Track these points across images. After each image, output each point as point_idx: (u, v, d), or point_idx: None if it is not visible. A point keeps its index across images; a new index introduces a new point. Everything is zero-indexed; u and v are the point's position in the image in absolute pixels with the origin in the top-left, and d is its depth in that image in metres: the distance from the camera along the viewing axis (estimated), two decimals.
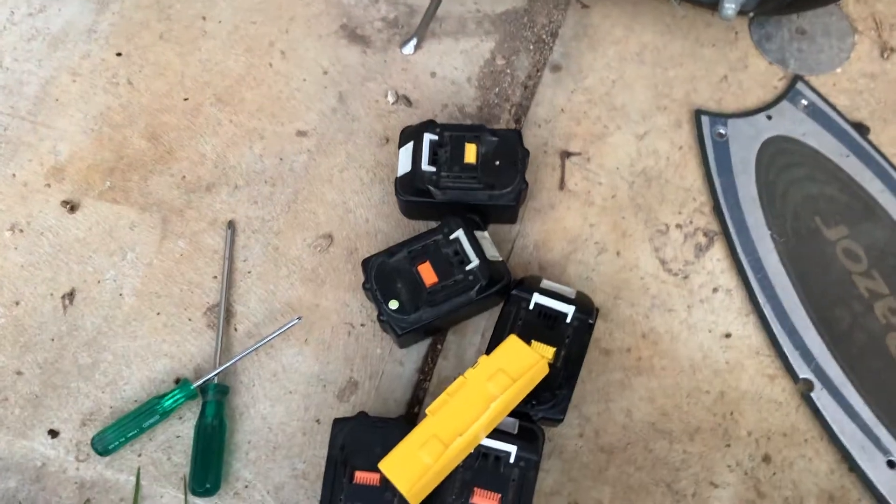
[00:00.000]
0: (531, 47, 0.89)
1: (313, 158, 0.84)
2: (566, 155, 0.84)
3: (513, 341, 0.67)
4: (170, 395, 0.72)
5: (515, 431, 0.68)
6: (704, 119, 0.85)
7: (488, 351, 0.71)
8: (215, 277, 0.79)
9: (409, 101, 0.86)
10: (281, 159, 0.84)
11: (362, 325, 0.77)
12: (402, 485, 0.62)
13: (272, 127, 0.85)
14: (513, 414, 0.68)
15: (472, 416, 0.64)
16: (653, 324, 0.77)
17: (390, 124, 0.85)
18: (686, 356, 0.76)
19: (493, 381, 0.65)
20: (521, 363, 0.66)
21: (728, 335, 0.77)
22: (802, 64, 0.88)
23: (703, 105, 0.86)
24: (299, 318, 0.75)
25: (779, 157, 0.83)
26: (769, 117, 0.85)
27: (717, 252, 0.80)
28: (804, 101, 0.86)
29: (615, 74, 0.88)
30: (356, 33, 0.89)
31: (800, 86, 0.86)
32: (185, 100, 0.86)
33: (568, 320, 0.71)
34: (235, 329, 0.77)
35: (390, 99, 0.86)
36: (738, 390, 0.75)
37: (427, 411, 0.64)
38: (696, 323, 0.77)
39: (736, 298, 0.78)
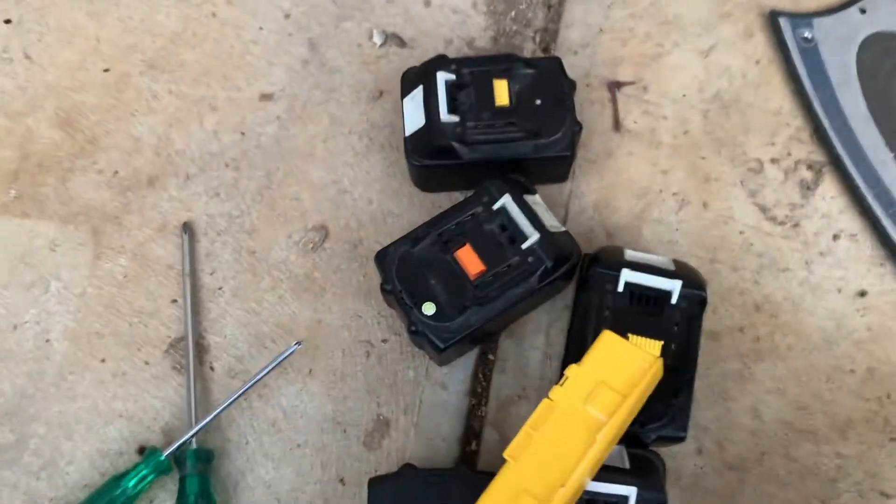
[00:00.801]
0: None
1: (286, 128, 0.63)
2: (616, 86, 0.64)
3: (609, 339, 0.48)
4: (133, 473, 0.51)
5: (627, 465, 0.48)
6: (783, 22, 0.66)
7: (569, 356, 0.52)
8: (175, 301, 0.58)
9: (401, 41, 0.66)
10: (243, 133, 0.63)
11: (384, 340, 0.57)
12: None
13: (226, 93, 0.64)
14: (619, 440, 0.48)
15: (574, 454, 0.44)
16: (766, 290, 0.58)
17: (382, 73, 0.65)
18: (816, 327, 0.57)
19: (594, 400, 0.45)
20: (628, 369, 0.47)
21: (863, 293, 0.58)
22: None
23: (777, 5, 0.67)
24: (298, 344, 0.55)
25: (886, 58, 0.65)
26: (863, 11, 0.66)
27: (830, 188, 0.61)
28: None
29: None
30: None
31: None
32: (106, 71, 0.65)
33: (674, 300, 0.52)
34: (211, 368, 0.56)
35: (377, 40, 0.66)
36: (890, 363, 0.57)
37: (506, 455, 0.45)
38: (819, 282, 0.59)
39: (864, 245, 0.60)
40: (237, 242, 0.60)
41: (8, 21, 0.66)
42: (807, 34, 0.65)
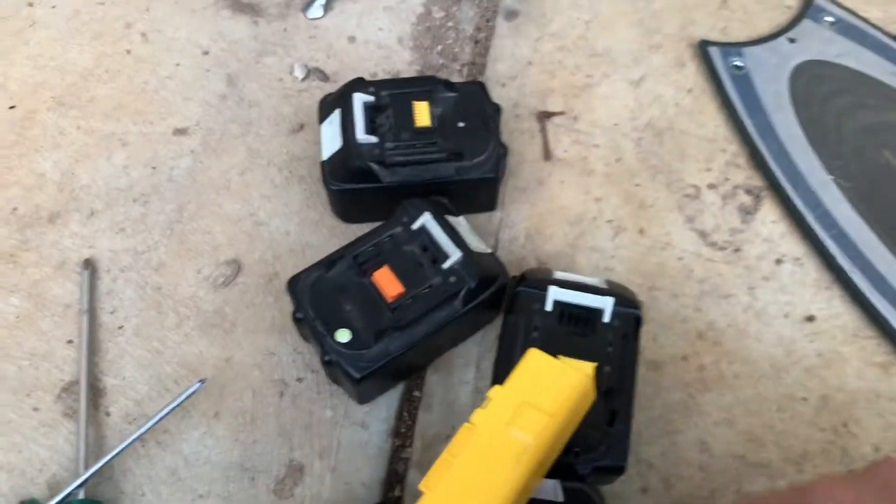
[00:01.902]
0: None
1: (200, 161, 0.60)
2: (546, 116, 0.62)
3: (535, 357, 0.43)
4: None
5: (560, 499, 0.43)
6: (713, 51, 0.65)
7: (497, 384, 0.47)
8: (71, 342, 0.53)
9: (324, 75, 0.64)
10: (154, 168, 0.59)
11: (299, 379, 0.52)
12: None
13: (138, 128, 0.61)
14: (552, 471, 0.44)
15: (497, 481, 0.39)
16: (708, 317, 0.55)
17: (303, 106, 0.62)
18: (763, 354, 0.54)
19: (519, 421, 0.41)
20: (556, 387, 0.42)
21: (811, 318, 0.55)
22: None
23: (707, 35, 0.66)
24: (201, 382, 0.50)
25: (816, 85, 0.64)
26: (792, 40, 0.66)
27: (769, 212, 0.59)
28: (829, 18, 0.67)
29: (588, 14, 0.67)
30: (241, 1, 0.67)
31: (819, 0, 0.68)
32: (12, 108, 0.62)
33: (606, 319, 0.48)
34: (107, 413, 0.51)
35: (298, 74, 0.63)
36: (844, 390, 0.53)
37: (422, 487, 0.40)
38: (764, 308, 0.55)
39: (809, 268, 0.57)
40: (142, 279, 0.55)
41: None
42: (738, 62, 0.64)
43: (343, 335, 0.47)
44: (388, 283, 0.49)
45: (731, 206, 0.59)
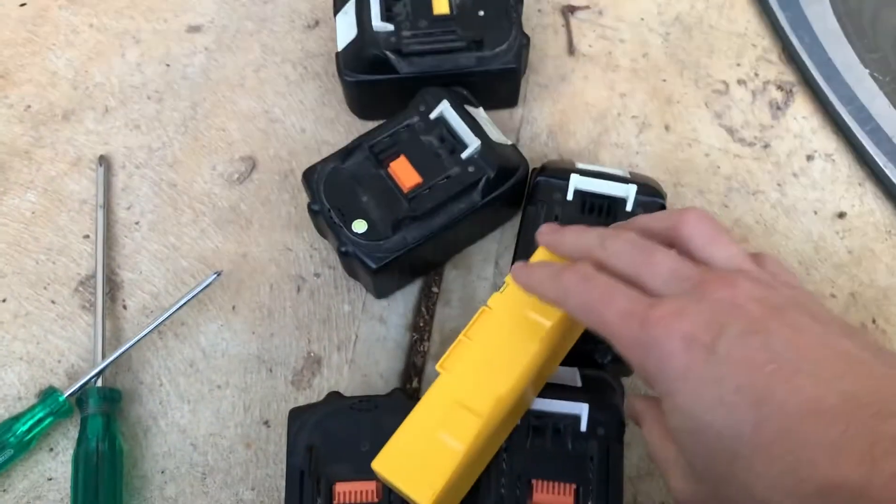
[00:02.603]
0: None
1: (214, 59, 0.58)
2: (569, 10, 0.60)
3: (549, 252, 0.42)
4: (28, 415, 0.46)
5: (579, 384, 0.43)
6: None
7: None
8: (87, 237, 0.53)
9: None
10: (168, 65, 0.58)
11: (316, 274, 0.52)
12: (417, 491, 0.36)
13: (151, 25, 0.60)
14: (567, 360, 0.43)
15: (514, 363, 0.38)
16: (736, 213, 0.53)
17: (318, 1, 0.60)
18: (791, 251, 0.52)
19: (537, 306, 0.40)
20: None
21: (842, 214, 0.53)
22: None
23: None
24: (218, 274, 0.49)
25: None
26: None
27: (802, 108, 0.57)
28: None
29: None
30: None
31: None
32: (23, 5, 0.60)
33: (629, 208, 0.46)
34: (124, 306, 0.51)
35: None
36: (874, 287, 0.51)
37: (439, 367, 0.39)
38: (794, 204, 0.54)
39: (841, 164, 0.55)
40: (157, 175, 0.54)
41: None
42: None
43: (359, 226, 0.46)
44: (404, 173, 0.47)
45: (761, 102, 0.57)
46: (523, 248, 0.47)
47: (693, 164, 0.55)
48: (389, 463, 0.37)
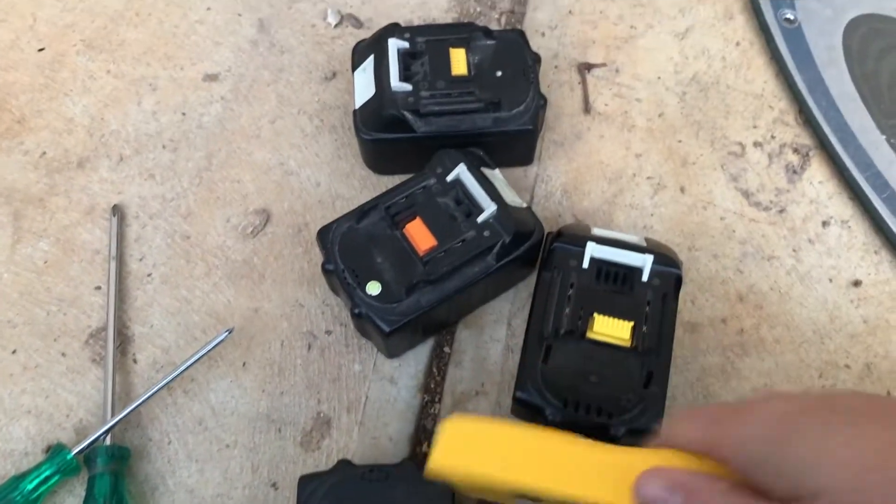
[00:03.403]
0: None
1: (230, 108, 0.58)
2: (586, 68, 0.60)
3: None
4: (35, 473, 0.45)
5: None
6: (764, 2, 0.62)
7: (530, 344, 0.46)
8: (99, 288, 0.52)
9: (357, 21, 0.62)
10: (184, 114, 0.58)
11: (328, 332, 0.51)
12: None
13: (168, 72, 0.60)
14: (585, 431, 0.42)
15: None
16: (750, 280, 0.53)
17: (336, 53, 0.61)
18: (806, 319, 0.52)
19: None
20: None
21: (857, 283, 0.53)
22: None
23: None
24: (229, 331, 0.49)
25: (872, 40, 0.61)
26: None
27: (818, 172, 0.57)
28: None
29: None
30: None
31: None
32: (41, 50, 0.61)
33: (645, 278, 0.46)
34: (134, 360, 0.50)
35: (332, 20, 0.62)
36: (889, 358, 0.51)
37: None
38: (808, 271, 0.53)
39: (857, 231, 0.55)
40: (170, 226, 0.54)
41: None
42: (789, 14, 0.61)
43: (374, 287, 0.46)
44: (420, 235, 0.47)
45: (777, 165, 0.57)
46: (538, 315, 0.46)
47: (708, 228, 0.54)
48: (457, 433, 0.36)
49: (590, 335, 0.45)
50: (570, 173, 0.56)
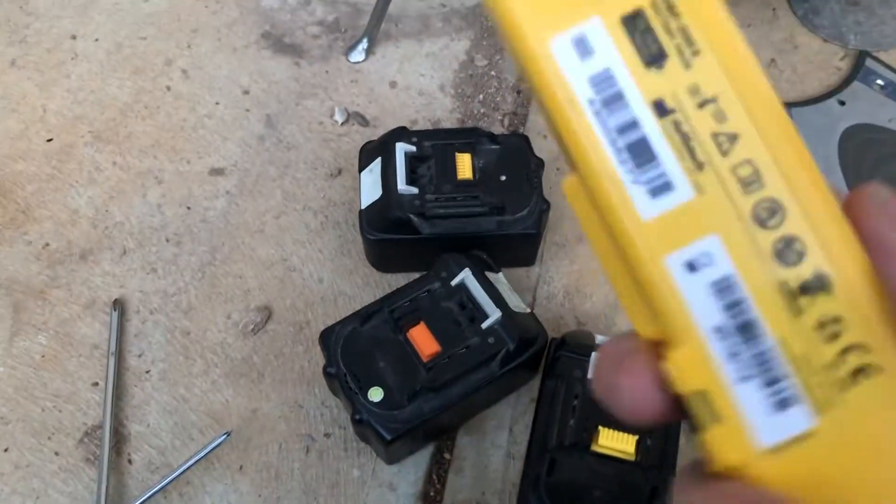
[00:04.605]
0: None
1: (235, 203, 0.59)
2: None
3: None
4: None
5: None
6: None
7: (533, 453, 0.46)
8: (96, 384, 0.52)
9: (364, 120, 0.63)
10: (189, 208, 0.59)
11: (326, 434, 0.51)
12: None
13: (174, 166, 0.60)
14: None
15: None
16: None
17: (342, 150, 0.61)
18: None
19: None
20: None
21: None
22: (865, 38, 0.68)
23: None
24: (227, 434, 0.48)
25: (868, 149, 0.62)
26: (842, 102, 0.64)
27: None
28: (879, 82, 0.65)
29: None
30: (284, 42, 0.66)
31: (870, 63, 0.66)
32: (49, 141, 0.61)
33: None
34: (129, 461, 0.50)
35: (338, 118, 0.63)
36: None
37: None
38: None
39: None
40: (171, 322, 0.54)
41: None
42: None
43: (376, 394, 0.46)
44: (424, 340, 0.47)
45: None
46: (542, 423, 0.46)
47: None
48: None
49: (594, 448, 0.44)
50: (573, 275, 0.57)
